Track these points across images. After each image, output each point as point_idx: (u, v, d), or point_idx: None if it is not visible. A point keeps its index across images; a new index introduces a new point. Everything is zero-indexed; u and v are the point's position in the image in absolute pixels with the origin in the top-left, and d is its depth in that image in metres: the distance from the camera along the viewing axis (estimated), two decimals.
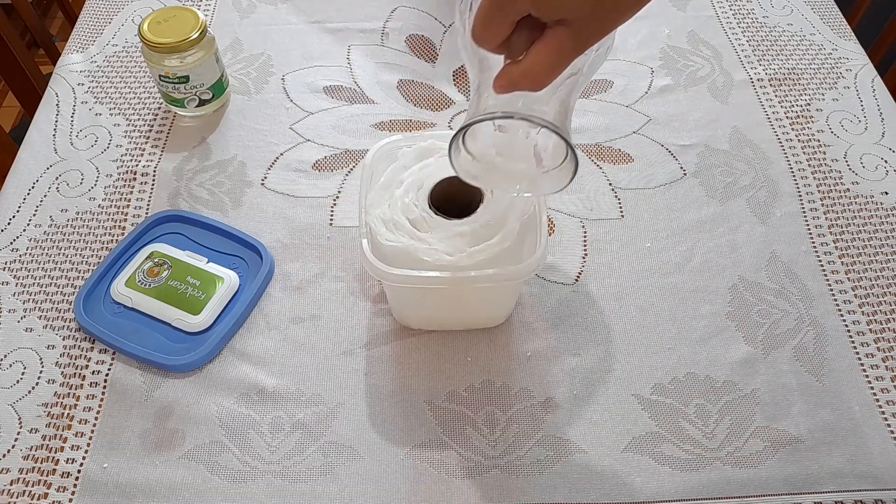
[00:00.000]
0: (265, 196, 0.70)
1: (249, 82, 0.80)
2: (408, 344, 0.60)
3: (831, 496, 0.53)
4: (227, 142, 0.74)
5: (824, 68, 0.81)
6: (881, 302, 0.63)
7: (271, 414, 0.57)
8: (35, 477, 0.54)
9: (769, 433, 0.56)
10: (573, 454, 0.55)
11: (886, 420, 0.57)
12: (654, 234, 0.67)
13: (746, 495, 0.53)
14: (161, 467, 0.54)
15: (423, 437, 0.56)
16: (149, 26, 0.70)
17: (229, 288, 0.62)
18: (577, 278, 0.64)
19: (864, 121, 0.76)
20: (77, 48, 0.84)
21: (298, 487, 0.53)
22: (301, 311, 0.62)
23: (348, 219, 0.68)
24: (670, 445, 0.55)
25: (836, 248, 0.66)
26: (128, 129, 0.75)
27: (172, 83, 0.72)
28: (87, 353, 0.60)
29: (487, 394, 0.58)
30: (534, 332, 0.61)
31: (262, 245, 0.65)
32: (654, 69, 0.81)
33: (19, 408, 0.57)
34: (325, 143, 0.74)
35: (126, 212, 0.69)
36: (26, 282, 0.64)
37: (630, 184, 0.71)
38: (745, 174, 0.72)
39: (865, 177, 0.72)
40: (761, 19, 0.87)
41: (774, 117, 0.77)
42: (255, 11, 0.88)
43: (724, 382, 0.58)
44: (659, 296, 0.63)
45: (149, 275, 0.63)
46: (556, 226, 0.68)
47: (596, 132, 0.75)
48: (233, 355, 0.60)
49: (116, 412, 0.57)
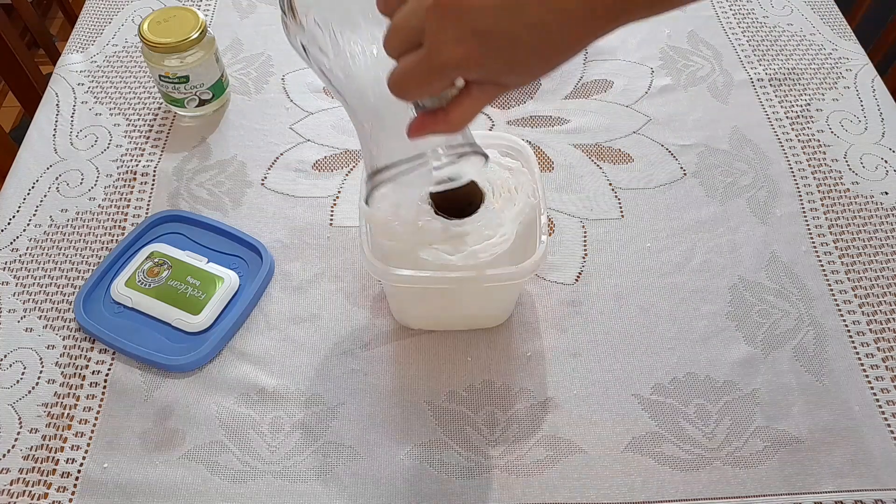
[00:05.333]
0: (265, 196, 0.70)
1: (249, 82, 0.80)
2: (408, 344, 0.60)
3: (831, 496, 0.53)
4: (227, 142, 0.74)
5: (824, 68, 0.81)
6: (881, 302, 0.63)
7: (271, 414, 0.57)
8: (35, 477, 0.54)
9: (769, 433, 0.56)
10: (573, 454, 0.55)
11: (886, 420, 0.57)
12: (654, 234, 0.67)
13: (746, 495, 0.53)
14: (161, 467, 0.54)
15: (423, 437, 0.56)
16: (149, 26, 0.70)
17: (229, 288, 0.62)
18: (577, 278, 0.64)
19: (864, 121, 0.76)
20: (77, 48, 0.84)
21: (298, 487, 0.53)
22: (301, 311, 0.62)
23: (348, 219, 0.68)
24: (670, 445, 0.55)
25: (836, 248, 0.66)
26: (128, 129, 0.75)
27: (172, 83, 0.72)
28: (87, 353, 0.60)
29: (487, 394, 0.58)
30: (534, 332, 0.61)
31: (262, 245, 0.65)
32: (654, 69, 0.81)
33: (19, 408, 0.57)
34: (325, 143, 0.74)
35: (126, 212, 0.69)
36: (26, 282, 0.64)
37: (630, 184, 0.71)
38: (745, 174, 0.72)
39: (865, 177, 0.72)
40: (761, 19, 0.87)
41: (774, 117, 0.77)
42: (255, 11, 0.88)
43: (724, 382, 0.58)
44: (659, 296, 0.63)
45: (149, 275, 0.63)
46: (556, 226, 0.68)
47: (596, 132, 0.75)
48: (233, 355, 0.60)
49: (116, 412, 0.57)
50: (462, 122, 0.39)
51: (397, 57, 0.37)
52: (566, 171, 0.72)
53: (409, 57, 0.36)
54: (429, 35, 0.35)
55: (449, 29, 0.34)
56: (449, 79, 0.37)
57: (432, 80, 0.37)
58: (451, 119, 0.39)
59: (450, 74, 0.37)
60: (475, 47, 0.34)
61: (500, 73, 0.36)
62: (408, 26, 0.36)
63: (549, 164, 0.73)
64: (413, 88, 0.37)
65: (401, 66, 0.37)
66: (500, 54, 0.35)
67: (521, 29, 0.34)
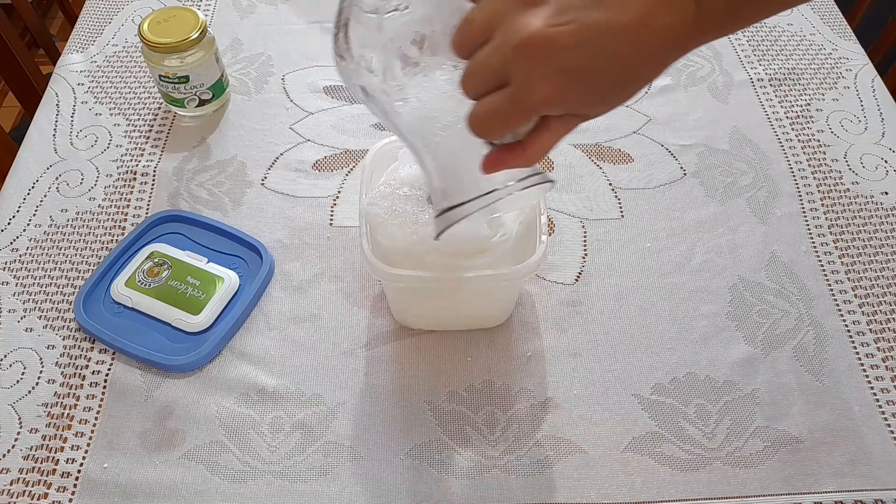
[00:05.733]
0: (265, 196, 0.70)
1: (249, 82, 0.80)
2: (408, 344, 0.60)
3: (831, 496, 0.53)
4: (227, 142, 0.74)
5: (824, 68, 0.81)
6: (881, 302, 0.63)
7: (271, 414, 0.57)
8: (35, 477, 0.54)
9: (769, 433, 0.56)
10: (573, 454, 0.55)
11: (886, 420, 0.57)
12: (654, 234, 0.67)
13: (746, 495, 0.53)
14: (161, 467, 0.54)
15: (423, 437, 0.56)
16: (149, 26, 0.70)
17: (229, 288, 0.62)
18: (577, 278, 0.64)
19: (864, 121, 0.76)
20: (77, 48, 0.84)
21: (298, 487, 0.53)
22: (301, 311, 0.62)
23: (348, 219, 0.68)
24: (670, 445, 0.55)
25: (836, 248, 0.66)
26: (128, 129, 0.75)
27: (172, 83, 0.72)
28: (87, 353, 0.60)
29: (487, 394, 0.58)
30: (534, 332, 0.61)
31: (262, 245, 0.65)
32: None
33: (19, 408, 0.57)
34: (325, 143, 0.74)
35: (126, 212, 0.69)
36: (26, 282, 0.64)
37: (630, 184, 0.71)
38: (745, 174, 0.72)
39: (865, 177, 0.72)
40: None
41: (774, 117, 0.77)
42: (255, 11, 0.88)
43: (724, 382, 0.58)
44: (659, 296, 0.63)
45: (149, 275, 0.63)
46: (556, 226, 0.68)
47: (596, 132, 0.75)
48: (233, 355, 0.60)
49: (116, 412, 0.57)
50: (540, 156, 0.39)
51: (477, 97, 0.37)
52: (566, 170, 0.72)
53: (492, 97, 0.36)
54: (516, 75, 0.35)
55: (537, 68, 0.35)
56: (535, 117, 0.38)
57: (520, 120, 0.37)
58: (529, 154, 0.39)
59: (537, 113, 0.37)
60: (563, 84, 0.35)
61: (585, 107, 0.37)
62: (489, 66, 0.36)
63: (549, 163, 0.73)
64: (498, 128, 0.38)
65: (484, 106, 0.37)
66: (587, 89, 0.35)
67: (604, 64, 0.34)
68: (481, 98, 0.37)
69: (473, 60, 0.37)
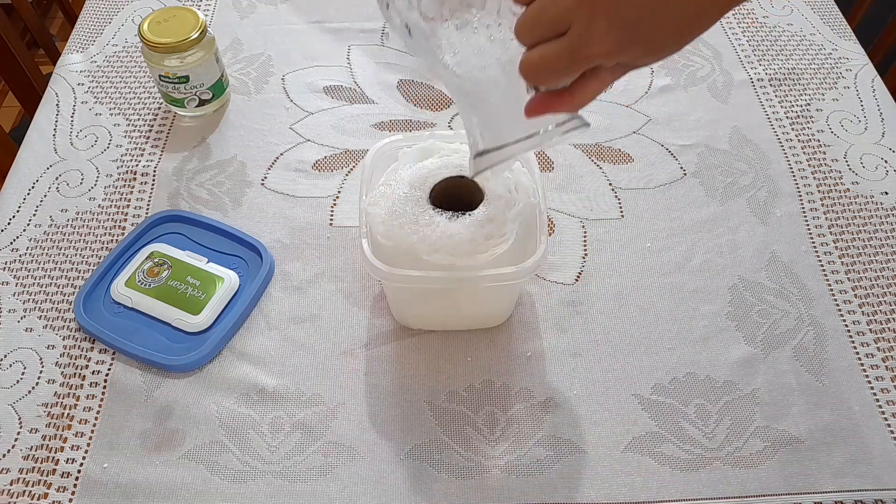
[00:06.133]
0: (265, 196, 0.70)
1: (249, 82, 0.80)
2: (408, 344, 0.60)
3: (831, 496, 0.53)
4: (227, 142, 0.74)
5: (824, 68, 0.81)
6: (881, 302, 0.63)
7: (271, 414, 0.57)
8: (35, 477, 0.54)
9: (769, 433, 0.56)
10: (573, 454, 0.55)
11: (886, 420, 0.57)
12: (654, 234, 0.67)
13: (746, 495, 0.53)
14: (161, 467, 0.54)
15: (423, 437, 0.56)
16: (149, 26, 0.70)
17: (229, 288, 0.62)
18: (577, 278, 0.64)
19: (864, 121, 0.76)
20: (77, 48, 0.84)
21: (298, 487, 0.53)
22: (301, 311, 0.62)
23: (348, 219, 0.68)
24: (670, 445, 0.55)
25: (836, 248, 0.66)
26: (128, 129, 0.75)
27: (172, 83, 0.72)
28: (87, 353, 0.60)
29: (487, 394, 0.58)
30: (534, 332, 0.61)
31: (262, 245, 0.65)
32: (654, 69, 0.81)
33: (19, 408, 0.57)
34: (325, 143, 0.74)
35: (126, 212, 0.69)
36: (26, 282, 0.64)
37: (630, 184, 0.71)
38: (745, 174, 0.72)
39: (865, 177, 0.72)
40: (761, 19, 0.87)
41: (774, 117, 0.77)
42: (255, 11, 0.88)
43: (724, 382, 0.58)
44: (659, 296, 0.63)
45: (149, 275, 0.63)
46: (556, 226, 0.68)
47: (596, 132, 0.75)
48: (233, 355, 0.60)
49: (116, 412, 0.57)
50: (586, 103, 0.39)
51: (532, 46, 0.37)
52: (566, 170, 0.72)
53: (548, 46, 0.37)
54: (577, 26, 0.35)
55: (600, 20, 0.35)
56: (590, 67, 0.38)
57: (575, 71, 0.37)
58: (577, 101, 0.39)
59: (593, 64, 0.37)
60: (622, 37, 0.35)
61: (639, 58, 0.37)
62: (548, 14, 0.36)
63: (549, 163, 0.73)
64: (553, 76, 0.38)
65: (540, 54, 0.37)
66: (644, 41, 0.36)
67: (663, 15, 0.35)
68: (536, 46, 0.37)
69: (531, 8, 0.37)
